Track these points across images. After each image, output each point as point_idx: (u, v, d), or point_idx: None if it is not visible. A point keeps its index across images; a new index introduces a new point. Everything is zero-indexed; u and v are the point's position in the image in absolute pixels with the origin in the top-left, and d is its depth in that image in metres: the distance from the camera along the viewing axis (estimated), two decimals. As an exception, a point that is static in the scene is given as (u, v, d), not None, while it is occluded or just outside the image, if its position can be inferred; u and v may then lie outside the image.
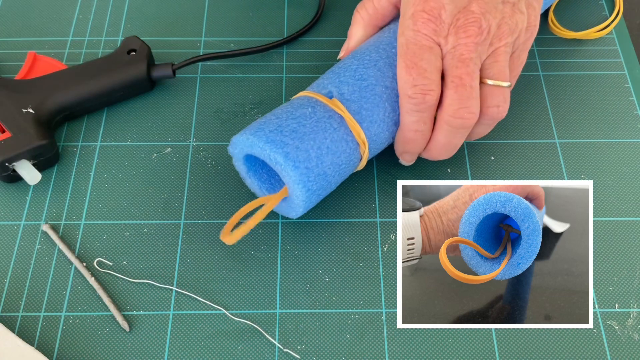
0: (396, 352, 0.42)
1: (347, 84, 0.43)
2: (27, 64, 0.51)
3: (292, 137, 0.40)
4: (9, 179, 0.47)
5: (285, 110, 0.42)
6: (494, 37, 0.41)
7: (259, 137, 0.40)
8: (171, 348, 0.42)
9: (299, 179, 0.40)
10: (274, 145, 0.39)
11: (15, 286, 0.44)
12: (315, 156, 0.40)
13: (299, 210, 0.42)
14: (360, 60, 0.44)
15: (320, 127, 0.41)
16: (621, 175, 0.49)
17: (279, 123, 0.41)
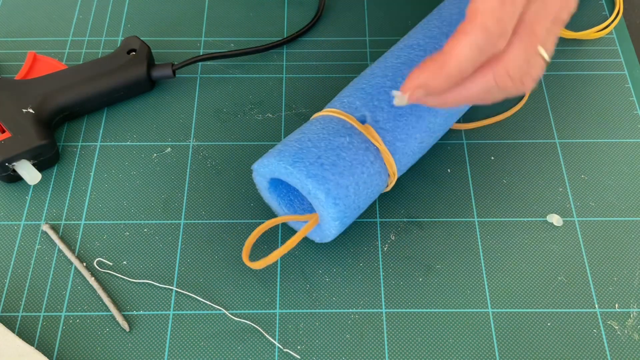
0: (396, 352, 0.42)
1: (382, 109, 0.42)
2: (27, 64, 0.51)
3: (333, 172, 0.39)
4: (9, 179, 0.47)
5: (322, 136, 0.41)
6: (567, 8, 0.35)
7: (300, 169, 0.39)
8: (171, 348, 0.42)
9: (337, 216, 0.40)
10: (315, 181, 0.38)
11: (15, 286, 0.44)
12: (353, 192, 0.40)
13: (326, 239, 0.43)
14: (393, 79, 0.43)
15: (358, 161, 0.40)
16: (621, 175, 0.49)
17: (318, 154, 0.39)
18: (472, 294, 0.44)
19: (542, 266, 0.45)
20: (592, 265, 0.45)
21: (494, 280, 0.44)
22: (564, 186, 0.48)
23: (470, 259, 0.45)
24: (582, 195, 0.48)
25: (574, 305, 0.43)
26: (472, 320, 0.43)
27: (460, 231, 0.46)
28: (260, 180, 0.43)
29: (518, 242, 0.46)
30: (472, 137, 0.51)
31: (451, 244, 0.46)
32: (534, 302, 0.43)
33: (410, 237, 0.46)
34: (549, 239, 0.46)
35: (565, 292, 0.44)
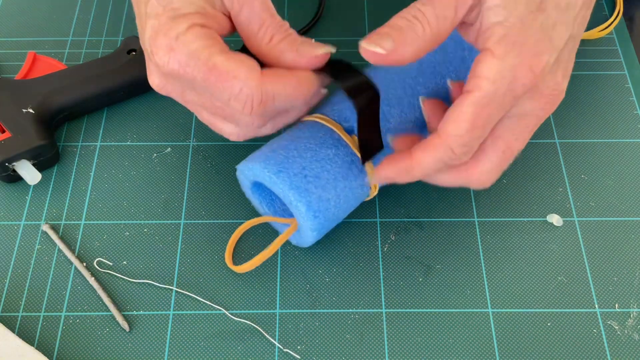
0: (396, 352, 0.42)
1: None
2: (27, 64, 0.51)
3: (316, 185, 0.39)
4: (9, 179, 0.47)
5: (308, 146, 0.40)
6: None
7: (283, 179, 0.39)
8: (171, 348, 0.42)
9: (315, 227, 0.40)
10: (297, 193, 0.39)
11: (15, 286, 0.44)
12: (333, 205, 0.40)
13: (303, 245, 0.44)
14: (385, 94, 0.42)
15: (342, 175, 0.40)
16: (621, 175, 0.49)
17: (303, 165, 0.39)
18: (472, 294, 0.44)
19: (542, 266, 0.45)
20: (592, 265, 0.45)
21: (494, 280, 0.44)
22: (564, 186, 0.48)
23: (470, 259, 0.45)
24: (582, 195, 0.48)
25: (574, 305, 0.43)
26: (472, 320, 0.43)
27: (460, 231, 0.46)
28: (243, 179, 0.43)
29: (518, 242, 0.46)
30: (472, 137, 0.51)
31: (451, 244, 0.46)
32: (534, 302, 0.43)
33: (410, 237, 0.46)
34: (549, 239, 0.46)
35: (565, 292, 0.44)
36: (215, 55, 0.36)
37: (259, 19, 0.37)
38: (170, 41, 0.35)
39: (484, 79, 0.33)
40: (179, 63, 0.36)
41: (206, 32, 0.36)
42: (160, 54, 0.36)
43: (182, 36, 0.35)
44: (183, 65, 0.36)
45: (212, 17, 0.37)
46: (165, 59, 0.36)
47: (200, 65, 0.35)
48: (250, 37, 0.38)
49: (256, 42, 0.38)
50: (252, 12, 0.37)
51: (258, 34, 0.37)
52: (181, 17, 0.36)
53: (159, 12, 0.36)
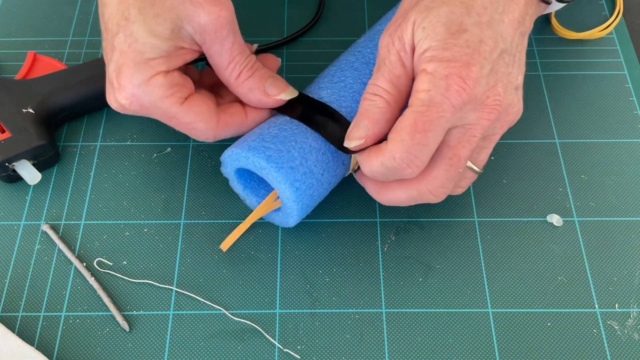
0: (396, 352, 0.42)
1: (326, 87, 0.43)
2: (27, 64, 0.51)
3: (274, 142, 0.40)
4: (9, 179, 0.47)
5: (267, 121, 0.43)
6: (500, 123, 0.39)
7: (242, 147, 0.41)
8: (171, 348, 0.42)
9: (284, 179, 0.40)
10: (255, 151, 0.40)
11: (15, 286, 0.44)
12: (298, 155, 0.40)
13: (293, 214, 0.42)
14: (337, 66, 0.45)
15: (301, 130, 0.41)
16: (621, 175, 0.49)
17: (260, 132, 0.42)
18: (472, 294, 0.44)
19: (542, 266, 0.45)
20: (592, 265, 0.45)
21: (494, 280, 0.44)
22: (564, 186, 0.48)
23: (470, 259, 0.45)
24: (582, 195, 0.48)
25: (574, 305, 0.43)
26: (472, 320, 0.43)
27: (460, 231, 0.46)
28: (234, 185, 0.45)
29: (518, 242, 0.46)
30: (472, 137, 0.51)
31: (451, 244, 0.46)
32: (534, 302, 0.43)
33: (410, 237, 0.46)
34: (549, 239, 0.46)
35: (565, 292, 0.44)
36: (175, 106, 0.40)
37: (229, 56, 0.40)
38: (133, 88, 0.39)
39: (420, 92, 0.37)
40: (140, 107, 0.40)
41: (168, 80, 0.39)
42: (122, 95, 0.39)
43: (143, 85, 0.39)
44: (144, 108, 0.40)
45: (177, 57, 0.40)
46: (126, 102, 0.40)
47: (160, 113, 0.40)
48: (219, 70, 0.41)
49: (225, 76, 0.42)
50: (223, 49, 0.40)
51: (227, 70, 0.41)
52: (144, 64, 0.39)
53: (124, 49, 0.39)
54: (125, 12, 0.39)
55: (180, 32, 0.39)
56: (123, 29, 0.39)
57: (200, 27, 0.39)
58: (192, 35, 0.39)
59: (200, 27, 0.39)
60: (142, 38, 0.38)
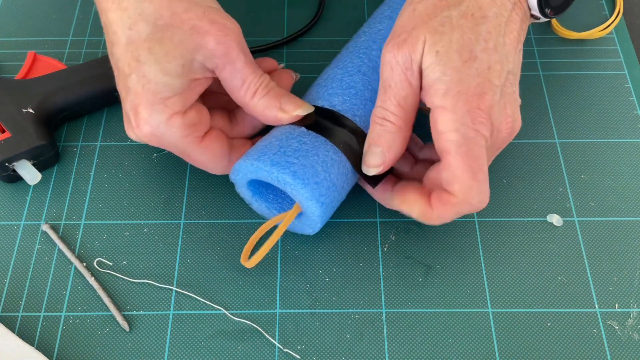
0: (396, 352, 0.42)
1: (336, 94, 0.43)
2: (27, 64, 0.51)
3: (296, 156, 0.40)
4: (9, 179, 0.47)
5: (283, 131, 0.42)
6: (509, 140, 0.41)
7: (264, 161, 0.40)
8: (171, 348, 0.42)
9: (311, 195, 0.40)
10: (279, 166, 0.39)
11: (15, 286, 0.44)
12: (322, 170, 0.40)
13: (316, 226, 0.43)
14: (344, 69, 0.45)
15: (320, 141, 0.41)
16: (621, 175, 0.49)
17: (279, 144, 0.41)
18: (472, 294, 0.44)
19: (542, 266, 0.45)
20: (592, 265, 0.45)
21: (494, 280, 0.44)
22: (564, 186, 0.48)
23: (470, 259, 0.45)
24: (582, 195, 0.48)
25: (574, 305, 0.43)
26: (472, 320, 0.43)
27: (460, 231, 0.46)
28: (242, 191, 0.45)
29: (518, 242, 0.46)
30: (472, 137, 0.51)
31: (451, 244, 0.46)
32: (534, 302, 0.43)
33: (410, 237, 0.46)
34: (549, 239, 0.46)
35: (565, 292, 0.44)
36: (192, 145, 0.41)
37: (241, 76, 0.41)
38: (152, 128, 0.40)
39: (448, 132, 0.37)
40: (159, 144, 0.41)
41: (186, 121, 0.40)
42: (142, 134, 0.40)
43: (162, 127, 0.40)
44: (163, 145, 0.41)
45: (191, 91, 0.41)
46: (146, 140, 0.41)
47: (178, 150, 0.42)
48: (234, 92, 0.42)
49: (239, 97, 0.42)
50: (235, 69, 0.40)
51: (241, 90, 0.41)
52: (160, 104, 0.39)
53: (138, 90, 0.39)
54: (135, 53, 0.39)
55: (191, 65, 0.39)
56: (135, 71, 0.39)
57: (210, 52, 0.39)
58: (203, 64, 0.40)
59: (210, 53, 0.39)
60: (154, 78, 0.39)
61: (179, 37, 0.39)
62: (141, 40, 0.39)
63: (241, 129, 0.45)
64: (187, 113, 0.41)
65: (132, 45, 0.39)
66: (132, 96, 0.40)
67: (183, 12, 0.39)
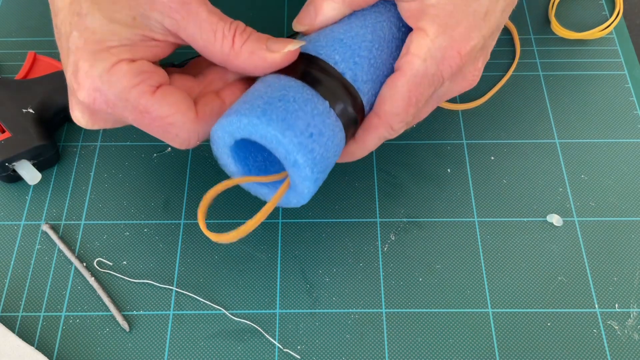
0: (396, 352, 0.42)
1: (362, 67, 0.37)
2: (27, 64, 0.51)
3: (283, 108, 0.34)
4: (9, 179, 0.47)
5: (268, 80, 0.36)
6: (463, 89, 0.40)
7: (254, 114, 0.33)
8: (171, 348, 0.42)
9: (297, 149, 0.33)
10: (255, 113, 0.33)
11: (15, 286, 0.44)
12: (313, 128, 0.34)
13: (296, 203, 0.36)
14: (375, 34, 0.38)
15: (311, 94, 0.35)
16: (621, 175, 0.49)
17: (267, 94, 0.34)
18: (472, 294, 0.44)
19: (542, 266, 0.45)
20: (592, 265, 0.45)
21: (494, 280, 0.44)
22: (564, 186, 0.48)
23: (470, 259, 0.45)
24: (582, 195, 0.48)
25: (574, 305, 0.43)
26: (472, 320, 0.43)
27: (460, 231, 0.46)
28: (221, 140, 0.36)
29: (518, 242, 0.46)
30: (472, 137, 0.51)
31: (451, 244, 0.46)
32: (534, 302, 0.43)
33: (410, 237, 0.46)
34: (549, 239, 0.46)
35: (565, 292, 0.44)
36: (145, 96, 0.33)
37: (210, 25, 0.34)
38: (93, 80, 0.33)
39: (416, 57, 0.35)
40: (106, 103, 0.33)
41: (134, 67, 0.33)
42: (83, 93, 0.33)
43: (106, 74, 0.33)
44: (111, 105, 0.33)
45: (145, 48, 0.34)
46: (89, 99, 0.33)
47: (129, 106, 0.33)
48: (208, 47, 0.35)
49: (216, 51, 0.35)
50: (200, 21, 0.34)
51: (216, 43, 0.34)
52: (104, 52, 0.33)
53: (80, 46, 0.33)
54: (77, 8, 0.33)
55: (147, 22, 0.34)
56: (76, 26, 0.33)
57: (165, 7, 0.33)
58: (162, 24, 0.34)
59: (166, 7, 0.33)
60: (99, 27, 0.33)
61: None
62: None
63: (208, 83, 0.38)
64: (136, 61, 0.34)
65: (75, 3, 0.34)
66: (73, 55, 0.33)
67: None
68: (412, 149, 0.50)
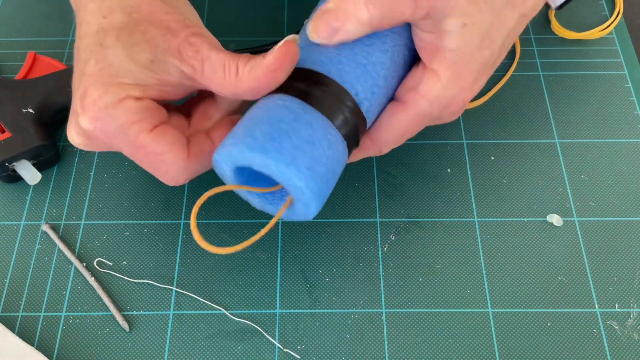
0: (396, 352, 0.42)
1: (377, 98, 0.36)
2: (27, 64, 0.51)
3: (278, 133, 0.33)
4: (9, 179, 0.47)
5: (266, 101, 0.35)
6: None
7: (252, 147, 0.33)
8: (171, 348, 0.42)
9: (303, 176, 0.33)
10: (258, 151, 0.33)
11: (15, 286, 0.44)
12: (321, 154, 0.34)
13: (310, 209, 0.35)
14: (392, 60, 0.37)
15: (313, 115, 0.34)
16: (621, 175, 0.49)
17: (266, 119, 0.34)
18: (472, 294, 0.44)
19: (542, 266, 0.45)
20: (592, 265, 0.45)
21: (494, 280, 0.44)
22: (564, 186, 0.48)
23: (470, 259, 0.45)
24: (582, 195, 0.48)
25: (574, 305, 0.43)
26: (472, 320, 0.43)
27: (460, 231, 0.46)
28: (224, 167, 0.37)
29: (518, 242, 0.46)
30: (472, 137, 0.51)
31: (451, 244, 0.46)
32: (534, 302, 0.43)
33: (410, 237, 0.46)
34: (549, 239, 0.46)
35: (565, 292, 0.44)
36: (143, 133, 0.35)
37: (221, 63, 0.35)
38: (98, 110, 0.34)
39: (423, 99, 0.36)
40: (105, 133, 0.35)
41: (139, 105, 0.35)
42: (86, 119, 0.35)
43: (111, 108, 0.34)
44: (109, 136, 0.35)
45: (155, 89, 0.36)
46: (90, 127, 0.35)
47: (126, 140, 0.35)
48: (219, 83, 0.36)
49: (226, 83, 0.36)
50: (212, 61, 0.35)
51: (224, 75, 0.35)
52: (116, 86, 0.34)
53: (94, 73, 0.35)
54: (101, 38, 0.35)
55: (164, 66, 0.35)
56: (95, 55, 0.35)
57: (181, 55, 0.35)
58: (180, 69, 0.35)
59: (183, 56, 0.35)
60: (117, 62, 0.34)
61: (151, 34, 0.35)
62: (113, 28, 0.35)
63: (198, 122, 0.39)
64: (143, 100, 0.35)
65: (101, 32, 0.35)
66: (85, 80, 0.35)
67: (163, 14, 0.36)
68: (412, 149, 0.50)
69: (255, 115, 0.35)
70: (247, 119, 0.35)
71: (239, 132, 0.34)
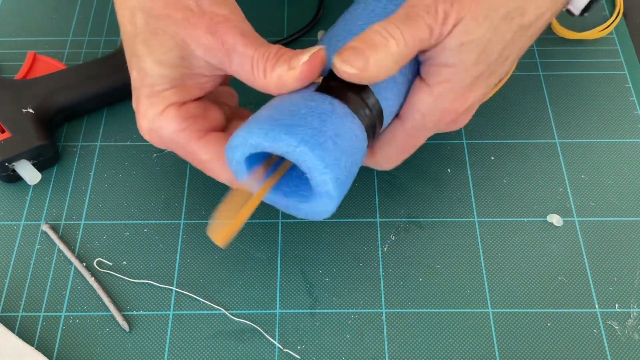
0: (396, 352, 0.42)
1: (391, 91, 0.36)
2: (27, 64, 0.51)
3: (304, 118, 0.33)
4: (9, 179, 0.47)
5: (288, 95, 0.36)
6: None
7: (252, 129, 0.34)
8: (171, 348, 0.42)
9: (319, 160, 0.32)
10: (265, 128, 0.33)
11: (15, 286, 0.44)
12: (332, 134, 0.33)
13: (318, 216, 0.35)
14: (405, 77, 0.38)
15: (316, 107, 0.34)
16: (621, 175, 0.49)
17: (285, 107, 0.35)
18: (472, 294, 0.44)
19: (542, 266, 0.45)
20: (592, 265, 0.45)
21: (494, 280, 0.44)
22: (564, 186, 0.48)
23: (470, 259, 0.45)
24: (582, 195, 0.48)
25: (574, 305, 0.43)
26: (472, 320, 0.43)
27: (460, 231, 0.46)
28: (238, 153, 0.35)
29: (518, 242, 0.46)
30: (472, 137, 0.51)
31: (451, 244, 0.46)
32: (534, 302, 0.43)
33: (410, 237, 0.46)
34: (549, 239, 0.46)
35: (565, 292, 0.44)
36: (191, 142, 0.37)
37: (249, 61, 0.35)
38: (148, 123, 0.37)
39: (418, 112, 0.37)
40: (161, 141, 0.38)
41: (182, 112, 0.37)
42: (143, 131, 0.38)
43: (157, 119, 0.37)
44: (164, 144, 0.38)
45: (189, 87, 0.37)
46: (148, 137, 0.38)
47: (178, 148, 0.38)
48: (250, 79, 0.36)
49: (255, 80, 0.36)
50: (238, 55, 0.35)
51: (253, 74, 0.36)
52: (156, 96, 0.37)
53: (137, 86, 0.37)
54: (134, 48, 0.37)
55: (194, 60, 0.36)
56: (135, 66, 0.37)
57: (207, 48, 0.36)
58: (206, 60, 0.36)
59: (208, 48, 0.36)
60: (150, 70, 0.36)
61: (172, 29, 0.36)
62: (138, 33, 0.37)
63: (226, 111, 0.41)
64: (185, 105, 0.37)
65: (131, 40, 0.37)
66: (135, 92, 0.38)
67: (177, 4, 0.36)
68: (412, 149, 0.50)
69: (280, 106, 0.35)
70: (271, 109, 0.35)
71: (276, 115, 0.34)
